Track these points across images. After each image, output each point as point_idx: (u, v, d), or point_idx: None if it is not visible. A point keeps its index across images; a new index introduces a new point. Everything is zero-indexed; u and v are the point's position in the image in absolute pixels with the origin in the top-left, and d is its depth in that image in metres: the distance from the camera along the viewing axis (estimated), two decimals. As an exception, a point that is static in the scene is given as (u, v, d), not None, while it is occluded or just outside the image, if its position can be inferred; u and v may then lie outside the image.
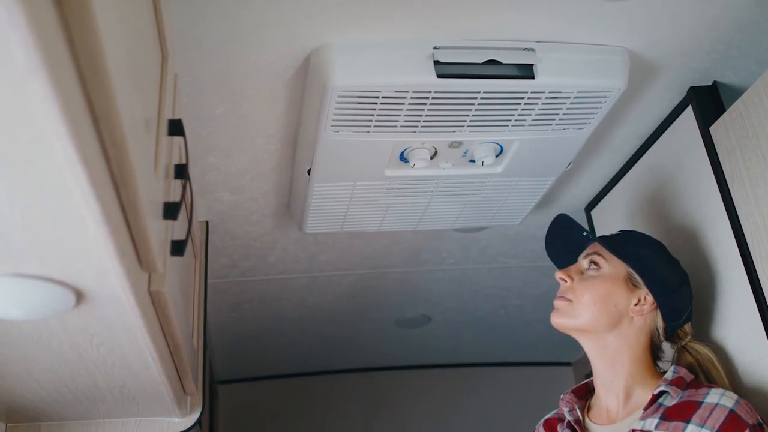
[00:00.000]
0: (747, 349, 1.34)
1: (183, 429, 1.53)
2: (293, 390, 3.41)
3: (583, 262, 1.40)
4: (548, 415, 1.49)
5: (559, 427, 1.41)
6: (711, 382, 1.31)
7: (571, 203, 2.01)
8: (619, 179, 1.83)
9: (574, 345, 1.41)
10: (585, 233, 1.42)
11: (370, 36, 1.27)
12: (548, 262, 2.34)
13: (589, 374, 1.41)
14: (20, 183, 0.55)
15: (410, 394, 3.49)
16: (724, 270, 1.41)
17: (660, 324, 1.33)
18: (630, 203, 1.78)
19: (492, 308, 2.80)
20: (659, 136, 1.65)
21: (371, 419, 3.40)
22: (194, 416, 1.54)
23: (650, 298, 1.32)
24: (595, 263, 1.37)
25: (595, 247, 1.40)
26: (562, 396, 1.42)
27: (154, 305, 0.89)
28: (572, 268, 1.40)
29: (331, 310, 2.67)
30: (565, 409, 1.39)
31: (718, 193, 1.41)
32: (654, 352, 1.35)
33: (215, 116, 1.46)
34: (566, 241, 1.49)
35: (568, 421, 1.37)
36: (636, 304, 1.32)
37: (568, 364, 3.47)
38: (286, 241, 2.07)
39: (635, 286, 1.33)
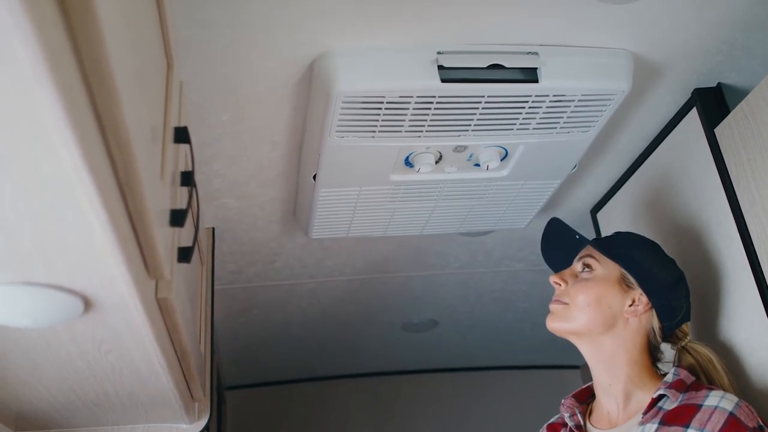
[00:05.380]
0: (755, 350, 1.33)
1: (191, 435, 1.53)
2: (301, 395, 3.41)
3: (577, 265, 1.39)
4: (551, 420, 1.48)
5: None
6: (711, 383, 1.29)
7: (577, 206, 2.01)
8: (625, 182, 1.83)
9: (582, 348, 1.41)
10: (577, 236, 1.42)
11: (374, 41, 1.27)
12: (555, 265, 2.35)
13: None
14: (28, 191, 0.56)
15: (418, 398, 3.48)
16: (730, 271, 1.40)
17: (656, 324, 1.32)
18: (635, 205, 1.78)
19: (499, 312, 2.80)
20: (664, 138, 1.65)
21: (379, 424, 3.40)
22: (202, 422, 1.54)
23: (644, 299, 1.31)
24: (588, 265, 1.36)
25: (589, 249, 1.39)
26: (562, 401, 1.41)
27: (162, 312, 0.89)
28: (566, 272, 1.39)
29: (337, 315, 2.67)
30: (566, 414, 1.37)
31: (724, 194, 1.41)
32: (652, 353, 1.33)
33: (220, 123, 1.47)
34: (562, 245, 1.48)
35: (570, 427, 1.35)
36: (630, 305, 1.31)
37: (576, 367, 3.46)
38: (293, 247, 2.08)
39: (629, 287, 1.32)
